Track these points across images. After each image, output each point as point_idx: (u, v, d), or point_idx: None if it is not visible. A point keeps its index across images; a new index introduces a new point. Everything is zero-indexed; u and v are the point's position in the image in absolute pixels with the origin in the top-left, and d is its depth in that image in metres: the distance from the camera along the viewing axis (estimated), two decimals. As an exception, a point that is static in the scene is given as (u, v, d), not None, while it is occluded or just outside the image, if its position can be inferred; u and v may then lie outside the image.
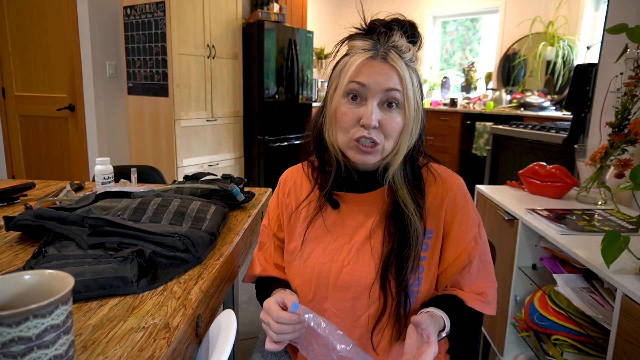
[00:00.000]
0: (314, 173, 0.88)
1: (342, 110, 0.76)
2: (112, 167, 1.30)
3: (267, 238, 0.94)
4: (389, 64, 0.74)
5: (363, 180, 0.84)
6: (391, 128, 0.75)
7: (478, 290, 0.84)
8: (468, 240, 0.82)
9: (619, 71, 1.48)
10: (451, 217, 0.82)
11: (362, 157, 0.77)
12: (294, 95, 3.85)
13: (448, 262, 0.82)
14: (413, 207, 0.79)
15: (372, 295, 0.80)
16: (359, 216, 0.84)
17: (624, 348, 0.91)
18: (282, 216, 0.92)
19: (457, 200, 0.83)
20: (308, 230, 0.86)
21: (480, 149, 4.33)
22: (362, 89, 0.75)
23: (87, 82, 3.02)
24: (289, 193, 0.91)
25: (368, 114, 0.73)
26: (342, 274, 0.81)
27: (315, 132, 0.85)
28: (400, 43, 0.75)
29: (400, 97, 0.75)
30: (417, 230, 0.78)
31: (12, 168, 3.42)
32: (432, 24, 5.43)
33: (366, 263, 0.81)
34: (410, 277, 0.79)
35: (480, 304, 0.83)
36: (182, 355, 0.61)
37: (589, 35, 4.22)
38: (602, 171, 1.48)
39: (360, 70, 0.74)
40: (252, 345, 1.07)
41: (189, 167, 3.14)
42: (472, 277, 0.83)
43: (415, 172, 0.83)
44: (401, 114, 0.76)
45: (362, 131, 0.75)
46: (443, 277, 0.83)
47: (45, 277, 0.50)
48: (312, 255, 0.84)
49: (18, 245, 0.90)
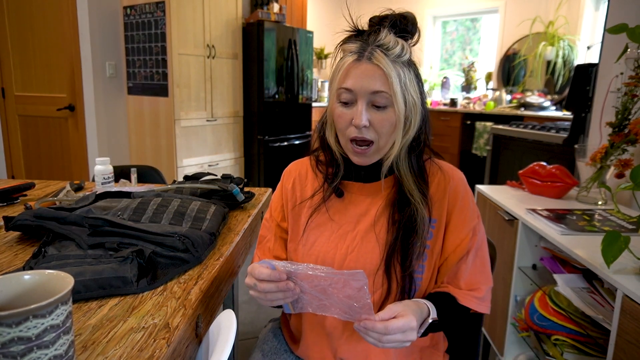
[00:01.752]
0: (319, 166, 0.91)
1: (337, 113, 0.80)
2: (112, 167, 1.30)
3: (269, 231, 0.95)
4: (373, 64, 0.75)
5: (367, 171, 0.86)
6: (382, 126, 0.77)
7: (473, 286, 0.83)
8: (467, 230, 0.83)
9: (619, 71, 1.48)
10: (452, 206, 0.84)
11: (359, 159, 0.81)
12: (294, 95, 3.85)
13: (449, 251, 0.83)
14: (419, 197, 0.81)
15: (376, 281, 0.81)
16: (363, 205, 0.86)
17: (624, 348, 0.91)
18: (286, 206, 0.93)
19: (459, 189, 0.84)
20: (311, 218, 0.87)
21: (480, 149, 4.33)
22: (350, 94, 0.77)
23: (87, 82, 3.02)
24: (293, 183, 0.93)
25: (357, 115, 0.76)
26: (346, 260, 0.83)
27: (319, 131, 0.90)
28: (387, 40, 0.76)
29: (387, 97, 0.76)
30: (423, 218, 0.80)
31: (12, 168, 3.42)
32: (432, 24, 5.43)
33: (370, 250, 0.82)
34: (415, 262, 0.80)
35: (474, 301, 0.81)
36: (182, 355, 0.61)
37: (589, 35, 4.22)
38: (602, 171, 1.48)
39: (348, 74, 0.77)
40: (252, 345, 1.07)
41: (189, 167, 3.14)
42: (467, 269, 0.83)
43: (420, 163, 0.85)
44: (390, 111, 0.77)
45: (355, 131, 0.78)
46: (444, 267, 0.84)
47: (45, 277, 0.50)
48: (317, 243, 0.85)
49: (18, 245, 0.90)
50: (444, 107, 4.97)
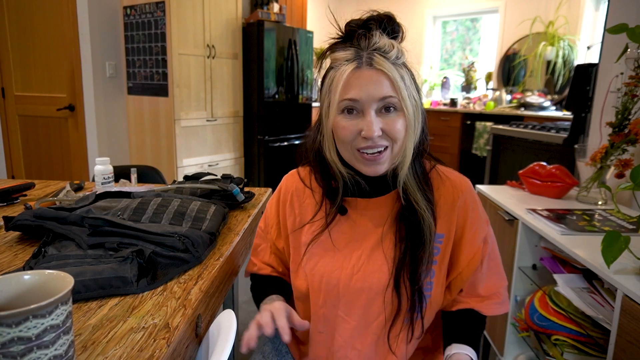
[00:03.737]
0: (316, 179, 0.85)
1: (342, 125, 0.74)
2: (112, 167, 1.30)
3: (263, 241, 0.93)
4: (375, 69, 0.71)
5: (372, 186, 0.81)
6: (396, 131, 0.73)
7: (492, 291, 0.84)
8: (479, 242, 0.81)
9: (619, 71, 1.48)
10: (463, 220, 0.81)
11: (371, 169, 0.75)
12: (294, 95, 3.85)
13: (462, 265, 0.81)
14: (424, 204, 0.77)
15: (386, 299, 0.78)
16: (369, 222, 0.82)
17: (624, 348, 0.91)
18: (283, 225, 0.89)
19: (468, 203, 0.81)
20: (314, 239, 0.83)
21: (480, 149, 4.33)
22: (356, 104, 0.72)
23: (87, 82, 3.02)
24: (289, 202, 0.87)
25: (368, 126, 0.71)
26: (352, 280, 0.79)
27: (314, 149, 0.83)
28: (382, 43, 0.72)
29: (397, 101, 0.72)
30: (430, 226, 0.77)
31: (12, 168, 3.42)
32: (432, 24, 5.43)
33: (378, 268, 0.79)
34: (424, 277, 0.78)
35: (496, 307, 0.84)
36: (182, 355, 0.61)
37: (589, 35, 4.22)
38: (602, 171, 1.48)
39: (349, 84, 0.72)
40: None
41: (189, 167, 3.14)
42: (484, 277, 0.83)
43: (423, 168, 0.81)
44: (401, 115, 0.73)
45: (365, 141, 0.73)
46: (458, 281, 0.82)
47: (45, 277, 0.50)
48: (320, 263, 0.82)
49: (18, 245, 0.90)
50: (444, 107, 4.97)
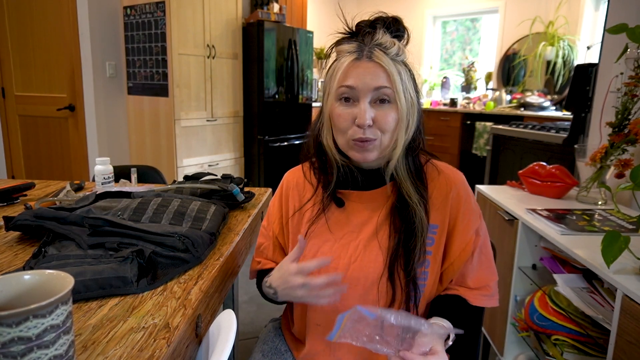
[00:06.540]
0: (315, 174, 0.90)
1: (337, 113, 0.79)
2: (112, 167, 1.30)
3: (267, 239, 0.94)
4: (374, 62, 0.76)
5: (367, 178, 0.86)
6: (386, 122, 0.77)
7: (481, 284, 0.85)
8: (471, 233, 0.83)
9: (619, 71, 1.48)
10: (455, 212, 0.84)
11: (361, 155, 0.79)
12: (294, 95, 3.85)
13: (454, 256, 0.83)
14: (417, 198, 0.80)
15: (380, 289, 0.81)
16: (365, 213, 0.85)
17: (624, 348, 0.91)
18: (284, 219, 0.92)
19: (461, 194, 0.84)
20: (311, 228, 0.86)
21: (480, 149, 4.33)
22: (352, 91, 0.77)
23: (87, 82, 3.02)
24: (291, 195, 0.92)
25: (361, 114, 0.76)
26: (349, 269, 0.82)
27: (314, 136, 0.88)
28: (384, 40, 0.77)
29: (391, 93, 0.76)
30: (422, 220, 0.80)
31: (12, 168, 3.42)
32: (432, 24, 5.43)
33: (374, 258, 0.82)
34: (418, 267, 0.80)
35: (484, 299, 0.84)
36: (182, 355, 0.61)
37: (589, 35, 4.22)
38: (602, 171, 1.48)
39: (348, 73, 0.77)
40: (252, 345, 1.07)
41: (189, 167, 3.14)
42: (474, 269, 0.85)
43: (417, 164, 0.85)
44: (394, 108, 0.77)
45: (359, 132, 0.77)
46: (450, 271, 0.84)
47: (45, 277, 0.50)
48: (318, 254, 0.85)
49: (18, 245, 0.90)
50: (444, 107, 4.97)
